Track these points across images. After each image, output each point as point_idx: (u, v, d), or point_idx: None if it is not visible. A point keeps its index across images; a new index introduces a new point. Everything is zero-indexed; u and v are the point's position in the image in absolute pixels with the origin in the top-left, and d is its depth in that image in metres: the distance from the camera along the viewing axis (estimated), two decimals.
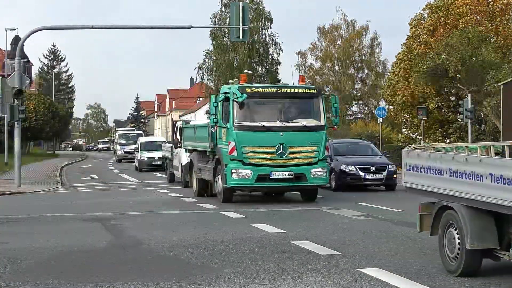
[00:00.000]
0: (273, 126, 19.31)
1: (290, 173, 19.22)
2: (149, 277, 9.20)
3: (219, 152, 20.01)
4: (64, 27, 38.07)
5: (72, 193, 26.81)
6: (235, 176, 19.06)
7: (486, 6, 45.94)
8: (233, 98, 19.19)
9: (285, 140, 19.11)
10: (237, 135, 19.09)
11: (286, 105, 19.86)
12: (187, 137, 24.71)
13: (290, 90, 19.95)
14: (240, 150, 19.03)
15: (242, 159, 19.08)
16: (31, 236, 13.80)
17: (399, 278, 8.81)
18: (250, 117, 19.44)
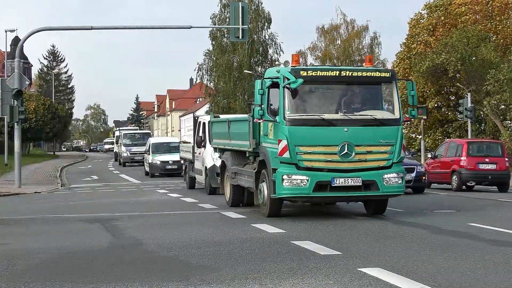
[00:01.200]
0: (336, 119, 15.30)
1: (357, 179, 15.16)
2: (149, 277, 9.20)
3: (264, 152, 16.08)
4: (64, 28, 38.07)
5: (72, 194, 26.82)
6: (288, 184, 15.01)
7: (485, 5, 45.96)
8: (284, 84, 15.12)
9: (351, 137, 15.14)
10: (290, 131, 15.03)
11: (352, 93, 15.87)
12: (218, 134, 20.49)
13: (357, 73, 15.61)
14: (293, 150, 14.99)
15: (296, 162, 15.06)
16: (31, 237, 13.80)
17: (399, 278, 8.81)
18: (306, 108, 15.44)
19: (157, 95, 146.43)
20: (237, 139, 18.13)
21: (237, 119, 19.54)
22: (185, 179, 28.50)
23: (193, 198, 22.02)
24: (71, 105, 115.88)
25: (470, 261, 9.92)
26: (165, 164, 37.76)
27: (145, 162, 40.80)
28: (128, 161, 52.90)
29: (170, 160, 37.34)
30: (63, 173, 43.68)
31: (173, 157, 36.38)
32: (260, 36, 67.26)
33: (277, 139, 15.30)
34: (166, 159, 37.71)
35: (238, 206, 18.65)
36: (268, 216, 15.79)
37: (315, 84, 15.51)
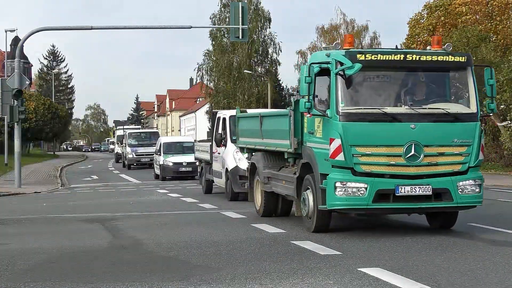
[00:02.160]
0: (401, 114, 12.50)
1: (427, 187, 12.41)
2: (149, 277, 9.20)
3: (308, 154, 13.29)
4: (64, 28, 38.08)
5: (72, 194, 26.82)
6: (341, 193, 12.27)
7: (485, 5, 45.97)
8: (337, 70, 12.38)
9: (419, 136, 12.41)
10: (345, 128, 12.27)
11: (418, 81, 13.04)
12: (246, 132, 17.76)
13: (425, 58, 12.78)
14: (349, 151, 12.23)
15: (351, 166, 12.30)
16: (31, 237, 13.81)
17: (399, 278, 8.81)
18: (364, 99, 12.69)
19: (157, 95, 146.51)
20: (272, 138, 15.50)
21: (272, 114, 17.02)
22: (201, 182, 25.29)
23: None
24: (71, 105, 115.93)
25: (470, 261, 9.92)
26: (178, 166, 34.03)
27: (155, 164, 36.80)
28: (134, 163, 47.87)
29: (184, 161, 33.72)
30: (63, 173, 43.69)
31: (187, 158, 33.08)
32: (259, 36, 67.28)
33: (327, 137, 12.53)
34: (179, 160, 34.02)
35: (271, 217, 15.94)
36: (314, 231, 13.09)
37: (375, 71, 12.82)
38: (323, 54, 13.07)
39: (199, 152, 25.60)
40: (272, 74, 67.73)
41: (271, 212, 16.12)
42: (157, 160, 35.67)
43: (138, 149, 47.49)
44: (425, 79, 13.02)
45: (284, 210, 16.20)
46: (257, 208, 16.56)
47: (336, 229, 13.68)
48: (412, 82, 12.95)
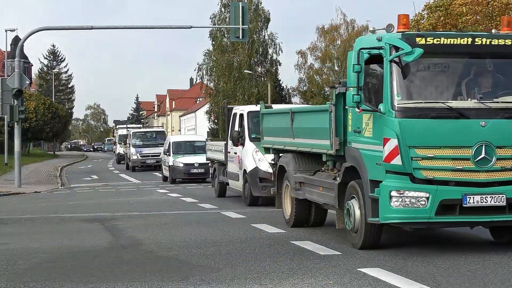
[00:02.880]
0: (469, 109, 10.52)
1: (500, 197, 10.44)
2: (149, 277, 9.20)
3: (354, 156, 11.29)
4: (64, 28, 38.07)
5: (72, 194, 26.83)
6: (398, 204, 10.28)
7: (486, 5, 45.99)
8: (392, 57, 10.43)
9: (491, 135, 10.46)
10: (402, 126, 10.30)
11: (488, 70, 10.94)
12: (272, 130, 15.67)
13: (497, 42, 10.78)
14: (407, 154, 10.25)
15: (410, 172, 10.34)
16: (31, 237, 13.81)
17: (399, 278, 8.82)
18: (424, 92, 10.66)
19: (157, 95, 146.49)
20: (306, 137, 13.45)
21: (307, 110, 15.16)
22: (214, 185, 23.18)
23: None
24: (71, 105, 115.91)
25: (470, 261, 9.92)
26: (190, 167, 30.97)
27: (163, 165, 33.77)
28: (139, 165, 44.18)
29: (195, 162, 30.70)
30: (63, 173, 43.70)
31: (198, 159, 30.12)
32: (260, 36, 67.30)
33: (380, 137, 10.56)
34: (190, 161, 31.01)
35: (303, 227, 14.15)
36: (361, 247, 11.08)
37: (437, 57, 10.76)
38: (373, 38, 10.93)
39: (212, 152, 23.72)
40: (272, 74, 67.74)
41: (302, 222, 14.16)
42: (166, 161, 32.63)
43: (143, 150, 43.86)
44: (495, 68, 10.92)
45: (317, 220, 14.25)
46: (286, 217, 14.57)
47: (336, 230, 13.67)
48: (480, 71, 10.91)
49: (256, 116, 18.45)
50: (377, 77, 10.82)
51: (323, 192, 12.60)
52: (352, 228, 11.29)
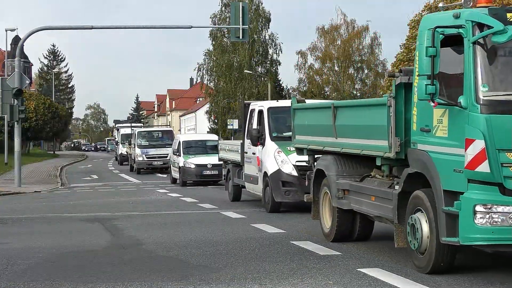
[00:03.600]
0: None
1: None
2: (149, 277, 9.20)
3: (421, 160, 9.30)
4: (64, 27, 38.09)
5: (72, 193, 26.82)
6: (484, 221, 8.31)
7: None
8: (474, 38, 8.45)
9: None
10: (490, 124, 8.31)
11: None
12: (307, 128, 13.55)
13: None
14: (496, 159, 8.30)
15: (501, 181, 8.35)
16: (31, 236, 13.81)
17: (399, 278, 8.82)
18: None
19: (157, 95, 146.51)
20: (354, 136, 11.39)
21: (356, 104, 12.83)
22: (227, 187, 21.20)
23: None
24: (71, 105, 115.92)
25: (470, 261, 9.91)
26: (202, 168, 28.45)
27: (173, 166, 31.10)
28: (144, 167, 40.51)
29: (208, 163, 28.25)
30: (63, 173, 43.68)
31: (211, 159, 27.68)
32: (260, 36, 67.33)
33: (459, 138, 8.53)
34: (203, 161, 28.56)
35: (347, 241, 12.06)
36: (430, 272, 9.11)
37: None
38: (448, 16, 8.87)
39: (225, 151, 21.74)
40: (272, 74, 67.76)
41: (345, 236, 12.11)
42: (176, 162, 30.03)
43: (150, 150, 40.23)
44: None
45: (363, 234, 12.27)
46: (325, 230, 12.47)
47: None
48: None
49: (277, 112, 17.71)
50: (455, 63, 8.74)
51: (376, 202, 10.59)
52: (418, 248, 9.28)
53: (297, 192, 16.32)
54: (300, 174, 16.18)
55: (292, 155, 16.00)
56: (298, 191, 16.37)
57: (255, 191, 18.46)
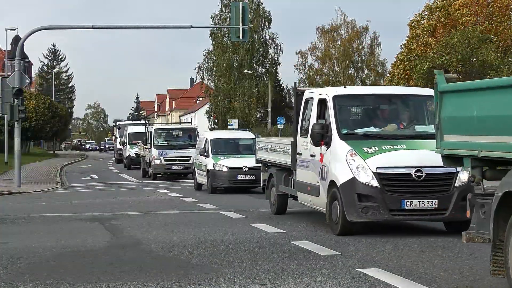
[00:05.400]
0: None
1: None
2: (149, 277, 9.20)
3: None
4: (64, 27, 38.18)
5: (72, 193, 26.82)
6: None
7: (486, 6, 45.98)
8: None
9: None
10: None
11: None
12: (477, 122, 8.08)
13: None
14: None
15: None
16: (31, 236, 13.81)
17: (399, 278, 8.82)
18: None
19: (158, 95, 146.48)
20: None
21: None
22: (268, 196, 17.23)
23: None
24: (71, 104, 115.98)
25: (470, 262, 9.92)
26: (236, 172, 24.21)
27: (198, 169, 26.20)
28: (162, 171, 34.17)
29: (243, 166, 24.09)
30: (63, 172, 43.68)
31: (247, 161, 23.67)
32: (260, 36, 67.36)
33: None
34: (237, 164, 24.33)
35: None
36: None
37: None
38: None
39: (266, 152, 17.65)
40: (272, 74, 67.78)
41: None
42: (203, 164, 25.39)
43: (169, 152, 33.64)
44: None
45: None
46: None
47: None
48: None
49: (346, 102, 13.92)
50: None
51: None
52: None
53: (379, 208, 12.30)
54: (383, 185, 12.32)
55: (372, 159, 12.45)
56: (380, 207, 12.32)
57: (315, 205, 14.19)
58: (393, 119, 13.77)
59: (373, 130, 13.35)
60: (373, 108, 14.10)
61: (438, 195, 12.36)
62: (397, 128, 13.53)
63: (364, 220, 12.55)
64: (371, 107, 14.10)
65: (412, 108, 14.18)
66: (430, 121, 13.15)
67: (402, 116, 13.99)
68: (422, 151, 12.48)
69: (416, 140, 13.01)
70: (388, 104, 14.10)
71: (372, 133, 13.26)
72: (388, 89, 15.20)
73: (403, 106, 14.22)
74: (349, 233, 12.76)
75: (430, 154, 11.08)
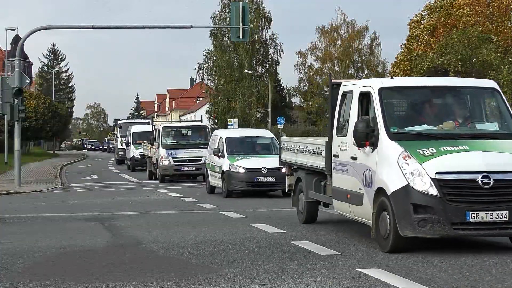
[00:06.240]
0: None
1: None
2: (149, 277, 9.20)
3: None
4: (64, 27, 38.13)
5: (72, 193, 26.82)
6: None
7: (487, 6, 45.99)
8: None
9: None
10: None
11: None
12: None
13: None
14: None
15: None
16: (31, 236, 13.81)
17: (398, 278, 8.82)
18: None
19: (158, 95, 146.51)
20: None
21: None
22: (296, 204, 15.26)
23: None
24: (71, 104, 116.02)
25: (470, 262, 9.91)
26: (255, 174, 22.18)
27: (211, 171, 24.23)
28: (171, 173, 31.28)
29: (262, 167, 22.13)
30: (63, 172, 43.68)
31: (266, 162, 22.21)
32: (261, 36, 67.36)
33: None
34: (255, 165, 22.36)
35: None
36: None
37: None
38: None
39: (293, 153, 15.63)
40: (272, 74, 67.77)
41: None
42: (217, 166, 23.44)
43: (179, 152, 31.05)
44: None
45: None
46: None
47: (336, 230, 13.67)
48: None
49: (394, 95, 11.91)
50: None
51: None
52: None
53: (439, 222, 10.34)
54: (444, 194, 10.37)
55: (430, 163, 10.54)
56: (440, 220, 10.35)
57: (356, 215, 12.18)
58: (448, 116, 11.74)
59: (427, 129, 11.33)
60: (425, 102, 11.92)
61: (509, 205, 10.33)
62: (455, 126, 11.51)
63: (420, 235, 10.48)
64: (422, 101, 11.94)
65: (470, 103, 12.12)
66: (489, 117, 11.70)
67: (458, 111, 11.94)
68: (488, 153, 10.65)
69: (478, 140, 11.04)
70: (443, 97, 12.04)
71: (426, 132, 11.21)
72: (442, 80, 13.02)
73: (459, 100, 12.16)
74: (403, 250, 10.84)
75: (499, 157, 10.19)
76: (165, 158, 30.88)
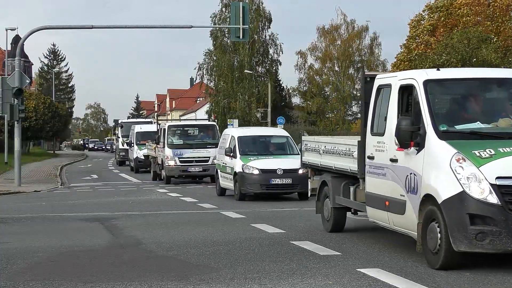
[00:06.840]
0: None
1: None
2: (149, 277, 9.20)
3: None
4: (65, 27, 38.13)
5: (72, 193, 26.82)
6: None
7: (487, 6, 45.99)
8: None
9: None
10: None
11: None
12: None
13: None
14: None
15: None
16: (31, 236, 13.81)
17: (399, 279, 8.82)
18: None
19: (158, 94, 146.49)
20: None
21: None
22: (321, 210, 13.75)
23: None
24: (71, 104, 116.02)
25: (470, 262, 9.90)
26: (270, 175, 20.66)
27: (222, 172, 22.78)
28: (177, 174, 29.61)
29: (278, 168, 20.66)
30: (63, 172, 43.68)
31: (281, 163, 20.90)
32: (261, 36, 67.35)
33: None
34: (270, 166, 20.89)
35: None
36: None
37: None
38: None
39: (317, 153, 14.12)
40: (272, 74, 67.76)
41: None
42: (228, 166, 22.03)
43: (184, 152, 29.42)
44: None
45: None
46: None
47: None
48: None
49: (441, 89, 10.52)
50: None
51: None
52: None
53: (501, 235, 8.94)
54: (506, 202, 9.00)
55: (488, 166, 9.14)
56: (502, 233, 8.94)
57: (396, 226, 10.77)
58: (503, 112, 10.24)
59: (481, 127, 9.84)
60: (477, 97, 10.48)
61: None
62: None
63: (478, 250, 9.08)
64: (474, 95, 10.47)
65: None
66: None
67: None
68: None
69: None
70: (497, 91, 10.67)
71: (482, 131, 9.75)
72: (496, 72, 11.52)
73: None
74: (455, 267, 9.40)
75: None
76: (170, 158, 29.40)
